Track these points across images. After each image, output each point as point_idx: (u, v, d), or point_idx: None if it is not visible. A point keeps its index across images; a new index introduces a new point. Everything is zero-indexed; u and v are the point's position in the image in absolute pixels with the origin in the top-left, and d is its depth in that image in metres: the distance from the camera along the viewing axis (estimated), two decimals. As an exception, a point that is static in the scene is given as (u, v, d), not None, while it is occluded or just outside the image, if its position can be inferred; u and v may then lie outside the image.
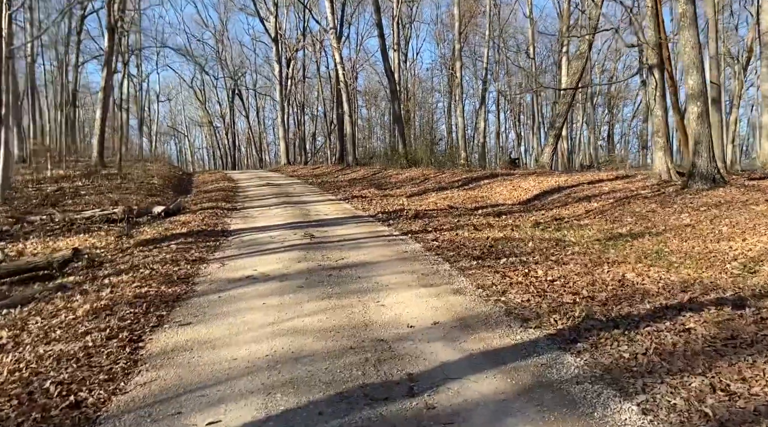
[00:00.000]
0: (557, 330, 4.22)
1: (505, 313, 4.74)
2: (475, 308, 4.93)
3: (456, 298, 5.24)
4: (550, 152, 19.45)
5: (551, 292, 5.27)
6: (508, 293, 5.29)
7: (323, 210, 12.26)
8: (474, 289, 5.53)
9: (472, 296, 5.30)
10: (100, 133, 23.13)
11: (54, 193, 15.35)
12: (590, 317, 4.37)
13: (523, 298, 5.12)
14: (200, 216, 11.57)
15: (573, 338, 4.02)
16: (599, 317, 4.40)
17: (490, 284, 5.67)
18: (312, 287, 5.78)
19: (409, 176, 19.46)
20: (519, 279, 5.77)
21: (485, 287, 5.57)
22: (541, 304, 4.90)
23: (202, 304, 5.41)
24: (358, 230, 9.50)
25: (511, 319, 4.58)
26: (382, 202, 13.20)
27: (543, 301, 4.99)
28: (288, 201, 14.11)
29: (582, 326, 4.23)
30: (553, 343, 4.01)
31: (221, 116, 47.81)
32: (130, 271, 6.87)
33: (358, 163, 25.77)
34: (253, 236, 9.30)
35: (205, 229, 9.96)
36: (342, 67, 25.29)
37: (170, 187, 18.25)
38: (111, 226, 11.27)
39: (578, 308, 4.58)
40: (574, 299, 4.97)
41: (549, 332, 4.21)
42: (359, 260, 7.03)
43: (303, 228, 9.74)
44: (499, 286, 5.56)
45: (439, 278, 6.01)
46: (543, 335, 4.16)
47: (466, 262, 6.71)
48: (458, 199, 13.73)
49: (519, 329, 4.34)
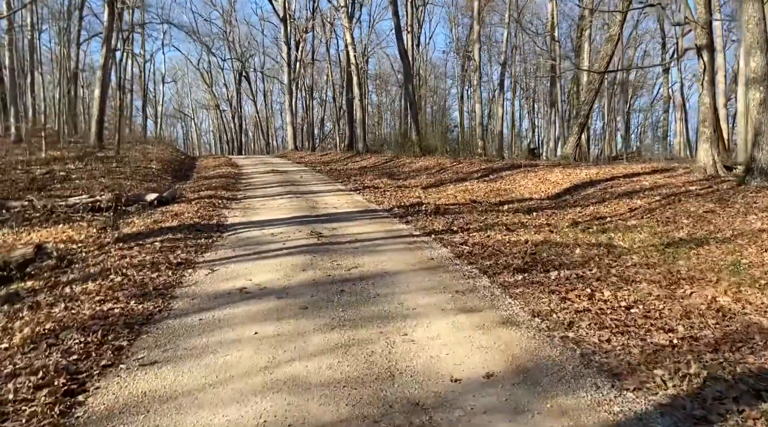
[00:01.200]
0: (671, 398, 2.90)
1: (582, 361, 3.43)
2: (537, 349, 3.63)
3: (508, 332, 3.94)
4: (574, 142, 17.97)
5: (634, 326, 3.95)
6: (577, 327, 3.98)
7: (332, 202, 10.95)
8: (528, 317, 4.23)
9: (529, 328, 3.99)
10: (98, 114, 21.85)
11: (43, 177, 14.11)
12: (713, 378, 3.05)
13: (600, 335, 3.80)
14: (196, 206, 10.29)
15: (702, 417, 2.71)
16: (724, 376, 3.09)
17: (547, 309, 4.36)
18: (319, 309, 4.49)
19: (423, 165, 18.08)
20: (583, 304, 4.46)
21: (543, 314, 4.26)
22: (629, 347, 3.59)
23: (177, 330, 4.13)
24: (373, 227, 8.19)
25: (593, 372, 3.27)
26: (396, 194, 11.87)
27: (629, 341, 3.68)
28: (294, 191, 12.80)
29: (706, 392, 2.91)
30: (673, 423, 2.70)
31: (228, 100, 46.40)
32: (99, 276, 5.60)
33: (369, 150, 24.39)
34: (252, 232, 8.01)
35: (199, 222, 8.68)
36: (353, 49, 23.79)
37: (169, 173, 16.98)
38: (96, 215, 10.02)
39: (691, 362, 3.25)
40: (671, 340, 3.65)
41: (659, 401, 2.90)
42: (377, 270, 5.73)
43: (309, 224, 8.44)
44: (560, 314, 4.25)
45: (479, 299, 4.70)
46: (651, 407, 2.85)
47: (508, 275, 5.40)
48: (480, 192, 12.38)
49: (611, 392, 3.03)
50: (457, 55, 37.33)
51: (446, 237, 7.39)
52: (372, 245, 6.98)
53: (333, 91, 37.05)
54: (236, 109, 44.59)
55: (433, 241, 7.21)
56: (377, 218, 9.05)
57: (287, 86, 32.86)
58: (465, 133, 28.08)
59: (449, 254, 6.39)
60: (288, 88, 32.70)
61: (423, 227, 8.18)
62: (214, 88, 46.31)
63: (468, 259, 6.14)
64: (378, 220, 8.89)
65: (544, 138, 37.15)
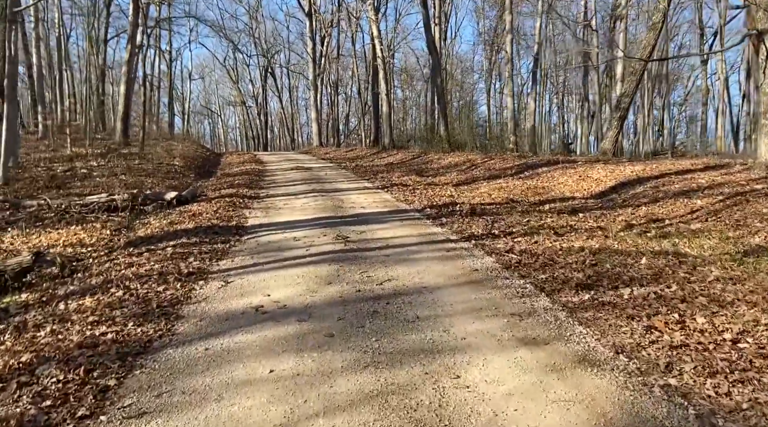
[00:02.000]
0: None
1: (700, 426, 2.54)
2: (635, 406, 2.74)
3: (590, 377, 3.06)
4: (613, 137, 16.78)
5: (753, 370, 3.03)
6: (679, 370, 3.08)
7: (359, 201, 10.15)
8: (610, 354, 3.34)
9: (616, 371, 3.11)
10: (124, 110, 21.49)
11: (64, 174, 13.67)
12: None
13: (713, 384, 2.90)
14: (215, 206, 9.60)
15: None
16: None
17: (631, 343, 3.46)
18: (348, 338, 3.68)
19: (452, 162, 17.16)
20: (676, 335, 3.55)
21: (628, 350, 3.37)
22: (760, 404, 2.68)
23: (177, 364, 3.37)
24: (405, 231, 7.35)
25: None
26: (427, 193, 11.00)
27: (756, 394, 2.77)
28: (318, 189, 12.04)
29: None
30: None
31: (254, 96, 46.01)
32: (99, 290, 4.90)
33: (395, 146, 23.52)
34: (274, 236, 7.25)
35: (217, 224, 7.97)
36: (379, 42, 22.91)
37: (192, 170, 16.41)
38: (111, 216, 9.42)
39: None
40: (814, 395, 2.73)
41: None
42: (413, 284, 4.89)
43: (335, 226, 7.65)
44: (650, 350, 3.35)
45: (542, 326, 3.83)
46: None
47: (570, 293, 4.51)
48: (516, 190, 11.42)
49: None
50: (484, 48, 36.10)
51: (488, 243, 6.51)
52: (405, 252, 6.15)
53: (358, 86, 36.22)
54: (262, 106, 44.18)
55: (473, 247, 6.33)
56: (408, 220, 8.21)
57: (312, 82, 32.18)
58: (493, 128, 26.98)
59: (495, 264, 5.51)
60: (313, 84, 32.01)
61: (460, 230, 7.31)
62: (240, 85, 46.00)
63: (518, 270, 5.26)
64: (409, 222, 8.05)
65: (574, 132, 35.75)
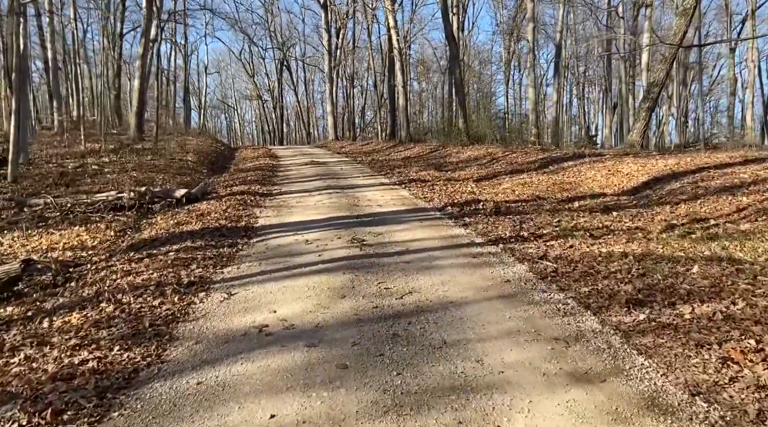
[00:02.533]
0: None
1: None
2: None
3: (664, 430, 2.46)
4: (641, 128, 15.93)
5: None
6: (774, 422, 2.46)
7: (375, 198, 9.57)
8: (684, 397, 2.72)
9: (696, 423, 2.50)
10: (138, 105, 21.12)
11: (74, 171, 13.31)
12: None
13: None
14: (225, 204, 9.11)
15: None
16: None
17: (707, 380, 2.84)
18: (364, 371, 3.11)
19: (472, 155, 16.47)
20: (758, 369, 2.91)
21: (705, 391, 2.74)
22: None
23: (162, 404, 2.83)
24: (425, 233, 6.75)
25: None
26: (447, 189, 10.38)
27: None
28: (333, 185, 11.49)
29: None
30: None
31: (270, 90, 45.58)
32: (89, 304, 4.40)
33: (412, 139, 22.85)
34: (284, 238, 6.71)
35: (225, 225, 7.46)
36: (396, 32, 22.19)
37: (205, 165, 15.97)
38: (117, 215, 8.98)
39: None
40: None
41: None
42: (437, 298, 4.31)
43: (350, 227, 7.08)
44: (732, 391, 2.72)
45: (594, 356, 3.22)
46: None
47: (620, 311, 3.88)
48: (541, 186, 10.74)
49: None
50: (503, 38, 35.12)
51: (517, 247, 5.89)
52: (427, 257, 5.56)
53: (374, 78, 35.53)
54: (277, 100, 43.73)
55: (502, 252, 5.72)
56: (428, 220, 7.61)
57: (328, 75, 31.59)
58: (512, 120, 26.15)
59: (528, 274, 4.90)
60: (329, 77, 31.42)
61: (485, 231, 6.69)
62: (256, 79, 45.61)
63: (555, 281, 4.64)
64: (430, 222, 7.45)
65: (595, 124, 34.67)
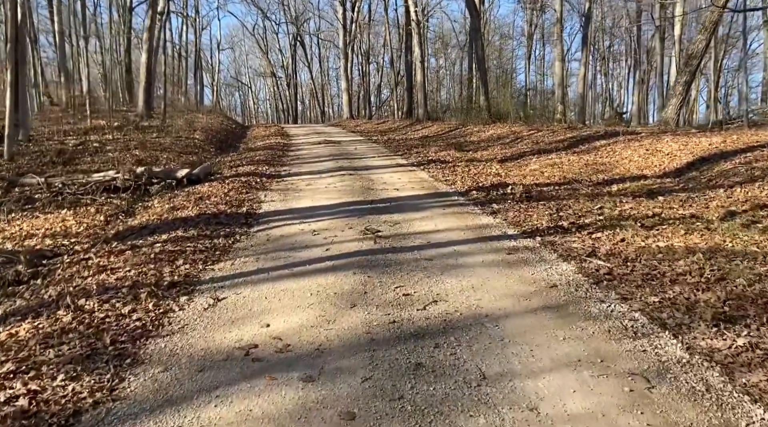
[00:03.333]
0: None
1: None
2: None
3: None
4: (677, 104, 14.68)
5: None
6: None
7: (392, 181, 8.69)
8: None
9: None
10: (146, 80, 20.29)
11: (75, 149, 12.61)
12: None
13: None
14: (228, 186, 8.31)
15: None
16: None
17: None
18: (377, 422, 2.28)
19: (494, 134, 15.43)
20: None
21: None
22: None
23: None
24: (449, 222, 5.87)
25: None
26: (469, 171, 9.46)
27: None
28: (346, 166, 10.61)
29: None
30: None
31: (284, 67, 44.50)
32: (45, 310, 3.64)
33: (429, 117, 21.79)
34: (289, 227, 5.88)
35: (224, 211, 6.65)
36: (413, 3, 20.99)
37: (213, 144, 15.18)
38: (112, 196, 8.25)
39: None
40: None
41: None
42: (469, 309, 3.45)
43: (363, 214, 6.23)
44: None
45: (689, 403, 2.34)
46: None
47: (708, 332, 2.99)
48: (573, 167, 9.75)
49: None
50: (524, 10, 33.47)
51: (558, 240, 4.99)
52: (452, 253, 4.69)
53: (391, 55, 34.24)
54: (291, 77, 42.68)
55: (540, 247, 4.83)
56: (452, 206, 6.71)
57: (342, 50, 30.45)
58: (534, 97, 24.87)
59: (578, 276, 4.01)
60: (343, 52, 30.28)
61: (517, 221, 5.79)
62: (270, 55, 44.53)
63: (614, 287, 3.75)
64: (453, 208, 6.56)
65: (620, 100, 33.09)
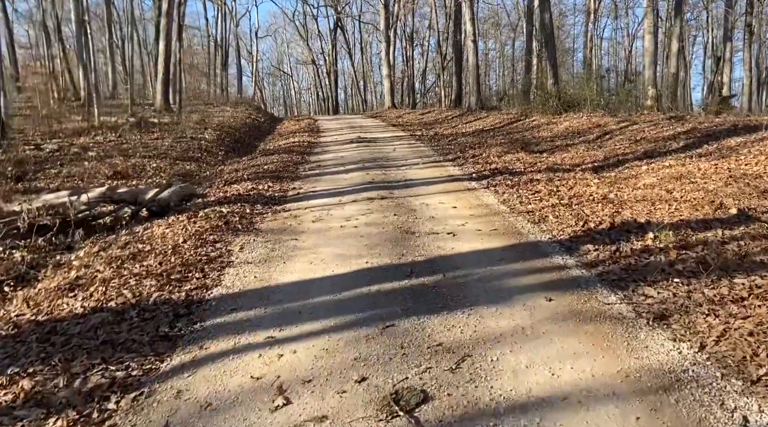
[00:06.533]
0: None
1: None
2: None
3: None
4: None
5: None
6: None
7: (444, 213, 5.53)
8: None
9: None
10: (164, 71, 17.78)
11: (50, 156, 10.07)
12: None
13: None
14: (196, 225, 5.40)
15: None
16: None
17: None
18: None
19: (570, 127, 11.93)
20: None
21: None
22: None
23: None
24: (575, 344, 2.69)
25: None
26: (558, 190, 6.20)
27: None
28: (379, 180, 7.52)
29: None
30: None
31: (324, 54, 41.55)
32: None
33: (483, 106, 18.34)
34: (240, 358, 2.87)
35: (138, 303, 3.70)
36: (465, -27, 17.48)
37: (225, 144, 12.38)
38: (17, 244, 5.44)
39: None
40: None
41: None
42: None
43: (396, 300, 3.13)
44: None
45: None
46: None
47: None
48: (717, 181, 6.25)
49: None
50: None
51: None
52: None
53: (437, 37, 30.61)
54: (332, 64, 39.67)
55: None
56: (559, 288, 3.50)
57: (384, 33, 27.16)
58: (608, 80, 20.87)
59: None
60: (385, 35, 26.99)
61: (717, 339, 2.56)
62: (310, 42, 41.66)
63: None
64: (567, 297, 3.35)
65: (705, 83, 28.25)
